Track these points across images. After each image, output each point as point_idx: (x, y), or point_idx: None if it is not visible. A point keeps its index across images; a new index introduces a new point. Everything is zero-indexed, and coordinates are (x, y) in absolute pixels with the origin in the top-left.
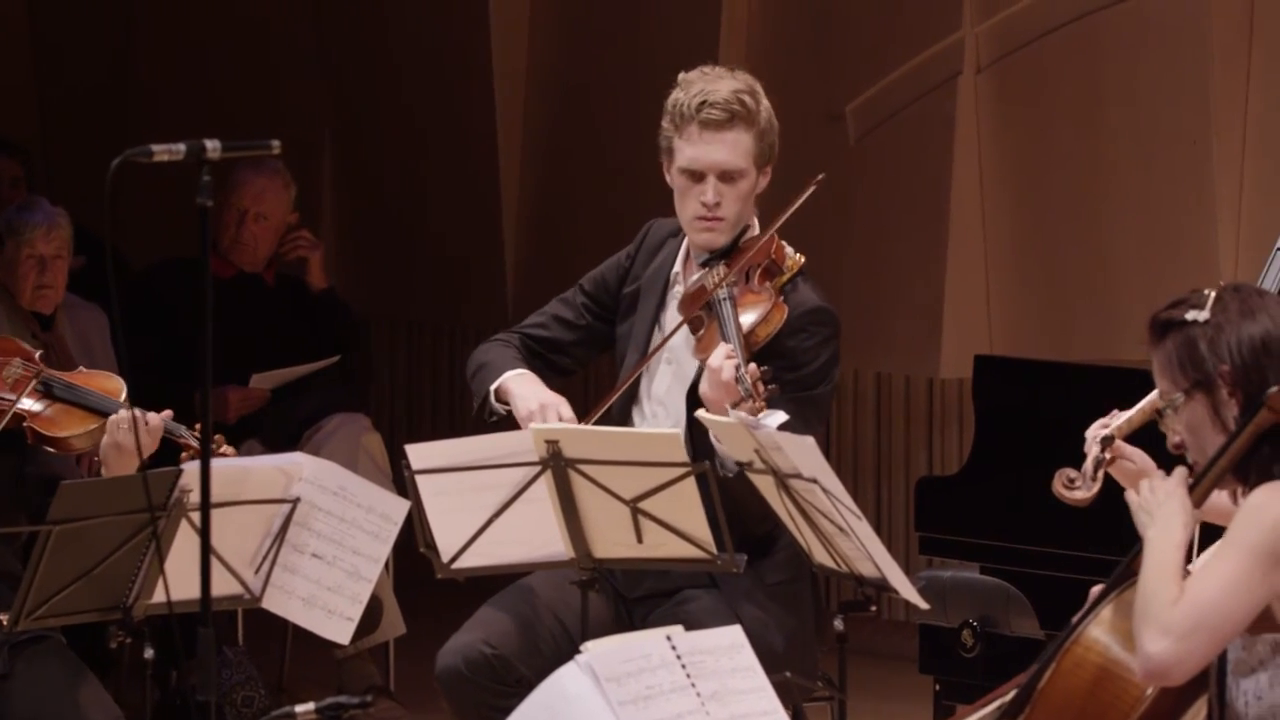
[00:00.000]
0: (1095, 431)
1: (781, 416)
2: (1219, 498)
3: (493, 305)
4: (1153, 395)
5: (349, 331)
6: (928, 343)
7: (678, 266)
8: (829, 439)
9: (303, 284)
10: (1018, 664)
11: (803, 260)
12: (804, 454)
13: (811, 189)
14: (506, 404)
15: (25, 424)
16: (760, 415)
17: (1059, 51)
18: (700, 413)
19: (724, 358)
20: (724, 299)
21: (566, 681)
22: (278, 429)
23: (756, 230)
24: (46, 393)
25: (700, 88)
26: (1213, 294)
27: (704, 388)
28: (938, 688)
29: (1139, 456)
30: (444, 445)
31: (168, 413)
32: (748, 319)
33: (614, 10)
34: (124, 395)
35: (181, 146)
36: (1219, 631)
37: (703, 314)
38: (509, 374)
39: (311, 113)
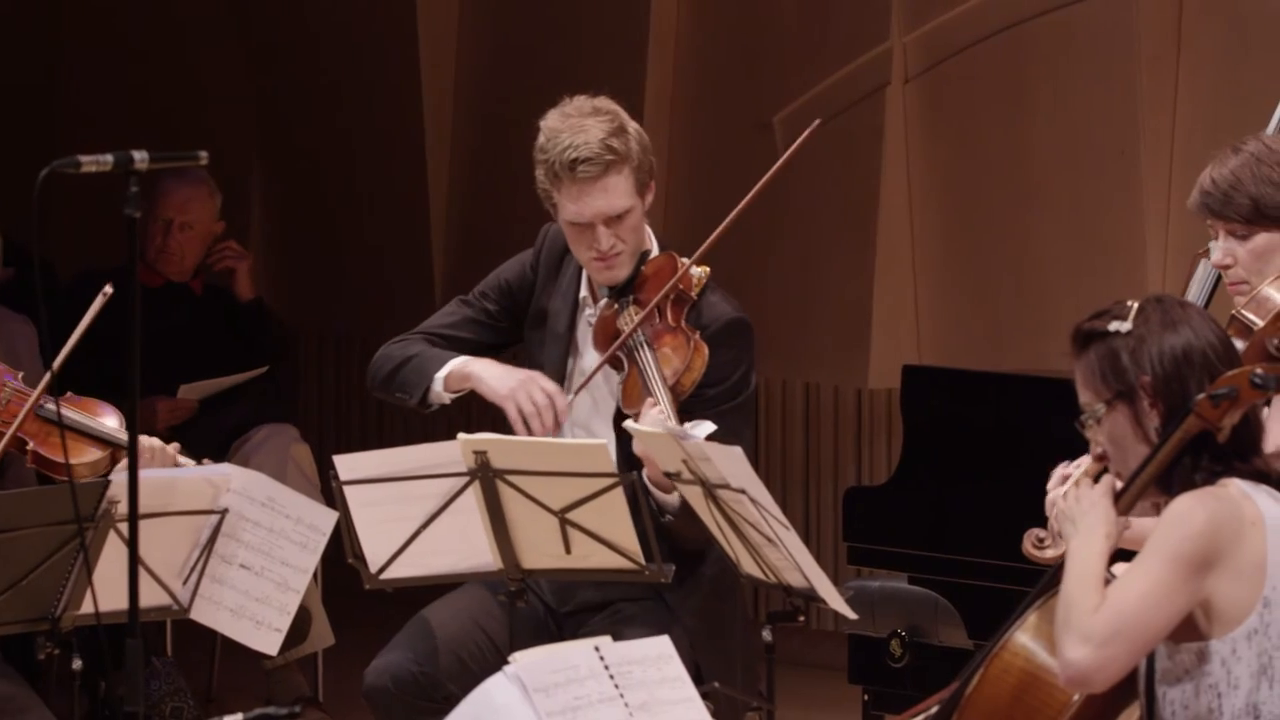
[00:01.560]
0: (1055, 492)
1: (709, 427)
2: (1139, 528)
3: (420, 318)
4: None
5: (277, 342)
6: (856, 353)
7: (584, 291)
8: (757, 449)
9: (230, 294)
10: (946, 674)
11: (707, 273)
12: (732, 464)
13: (732, 217)
14: (457, 390)
15: (29, 447)
16: (688, 425)
17: (987, 62)
18: (628, 423)
19: (658, 422)
20: (642, 344)
21: (494, 692)
22: (206, 440)
23: (655, 249)
24: (47, 418)
25: (568, 141)
26: (1135, 305)
27: (637, 448)
28: (866, 698)
29: (1102, 486)
30: (372, 456)
31: (175, 445)
32: (670, 369)
33: (542, 24)
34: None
35: (109, 157)
36: (1139, 639)
37: (622, 356)
38: (461, 359)
39: (240, 124)
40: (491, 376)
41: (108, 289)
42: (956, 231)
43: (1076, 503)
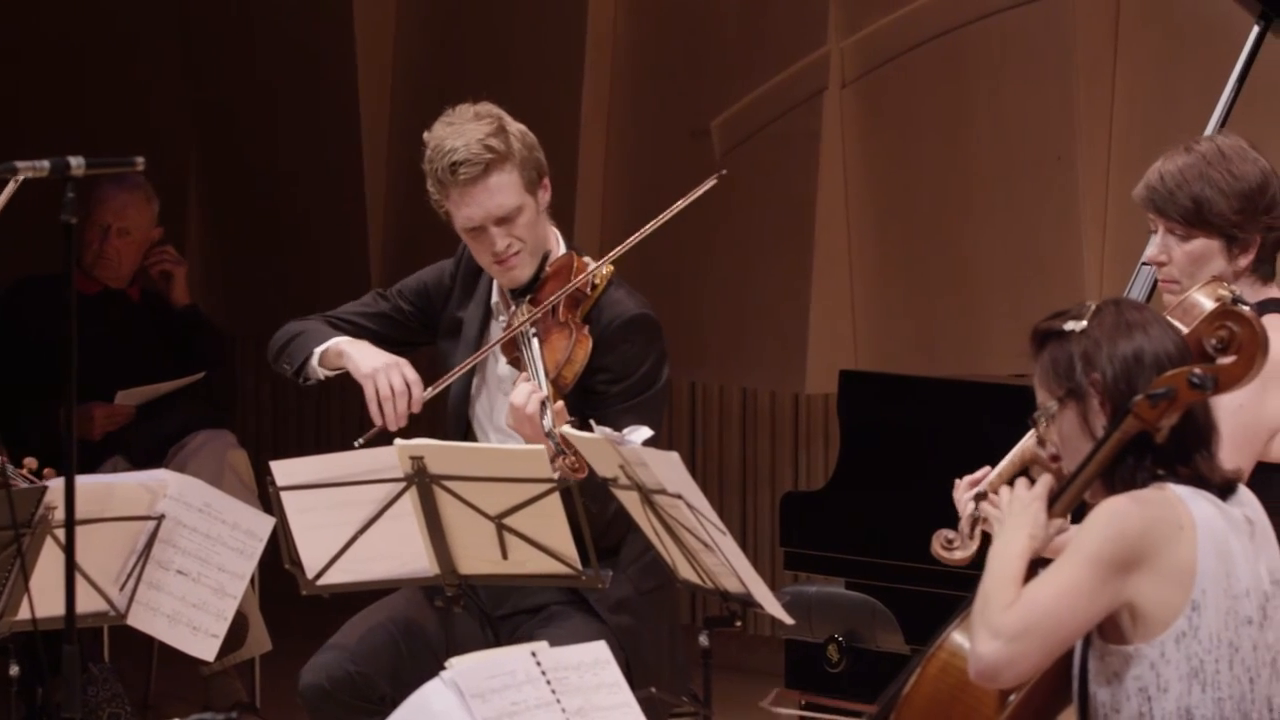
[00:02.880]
0: (965, 493)
1: (646, 432)
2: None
3: None
4: (1021, 444)
5: (214, 348)
6: (793, 358)
7: (495, 297)
8: (694, 454)
9: (167, 300)
10: (883, 678)
11: (611, 272)
12: (669, 469)
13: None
14: (333, 368)
15: None
16: (626, 431)
17: (924, 67)
18: (565, 428)
19: (526, 395)
20: (530, 337)
21: (431, 697)
22: (143, 446)
23: (560, 248)
24: None
25: (448, 146)
26: (1094, 306)
27: (507, 420)
28: (804, 703)
29: (1038, 488)
30: (309, 462)
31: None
32: (553, 361)
33: (479, 30)
34: None
35: (46, 163)
36: (1051, 637)
37: (519, 355)
38: (341, 339)
39: (177, 129)
40: (360, 356)
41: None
42: (893, 236)
43: (1010, 501)
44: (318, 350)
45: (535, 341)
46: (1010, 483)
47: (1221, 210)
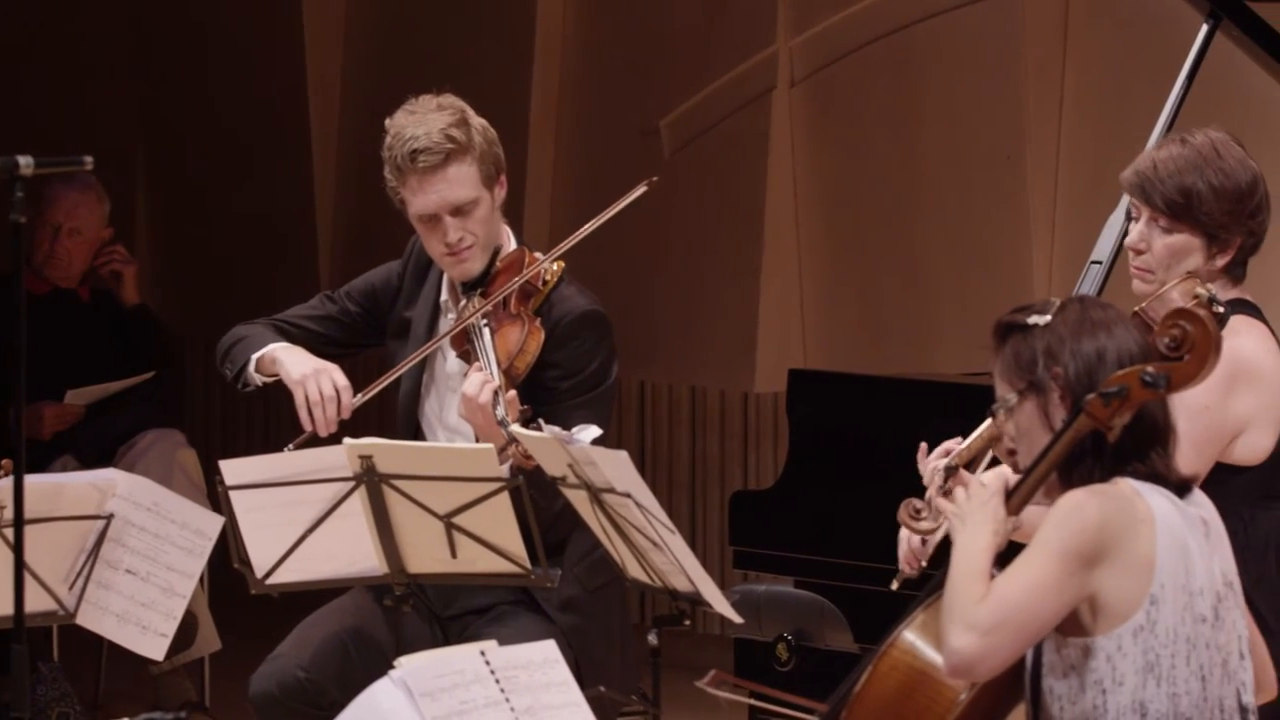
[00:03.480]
0: (934, 463)
1: (595, 431)
2: (1032, 517)
3: None
4: (989, 421)
5: (163, 348)
6: (742, 357)
7: (445, 294)
8: (643, 453)
9: (117, 300)
10: (833, 677)
11: (561, 269)
12: (618, 468)
13: (632, 196)
14: (269, 375)
15: None
16: (575, 430)
17: (873, 66)
18: (514, 428)
19: (479, 384)
20: (481, 328)
21: (380, 697)
22: (92, 445)
23: (511, 244)
24: None
25: (409, 134)
26: (1058, 301)
27: (460, 410)
28: (753, 701)
29: (990, 479)
30: (258, 461)
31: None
32: (505, 351)
33: (429, 24)
34: None
35: None
36: (1024, 630)
37: (469, 347)
38: (276, 345)
39: (126, 128)
40: (291, 362)
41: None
42: (842, 235)
43: (967, 499)
44: (254, 357)
45: (487, 332)
46: (973, 461)
47: (1210, 208)
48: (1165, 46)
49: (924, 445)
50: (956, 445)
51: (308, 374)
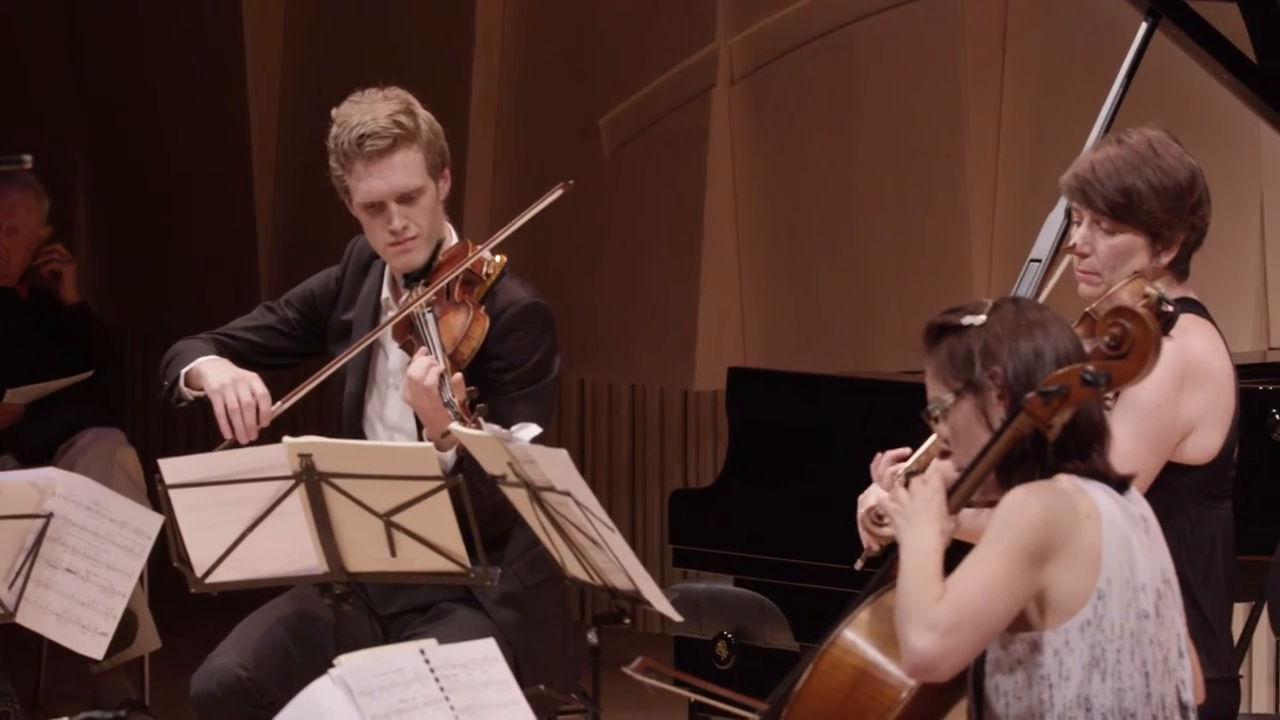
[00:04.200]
0: (889, 468)
1: (535, 430)
2: (976, 521)
3: None
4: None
5: (103, 346)
6: (682, 355)
7: (386, 292)
8: (583, 452)
9: (56, 298)
10: (773, 675)
11: (504, 261)
12: (557, 467)
13: (548, 200)
14: (198, 389)
15: None
16: (514, 429)
17: (813, 64)
18: (454, 426)
19: (425, 367)
20: (425, 315)
21: (319, 695)
22: (32, 444)
23: (453, 239)
24: None
25: (356, 120)
26: (990, 302)
27: (405, 395)
28: (693, 700)
29: (932, 477)
30: (198, 460)
31: None
32: (449, 336)
33: (368, 23)
34: None
35: None
36: (982, 628)
37: (412, 337)
38: (203, 359)
39: (65, 126)
40: (212, 373)
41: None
42: (782, 233)
43: (910, 499)
44: (183, 372)
45: (431, 319)
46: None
47: (1151, 206)
48: (1104, 44)
49: (880, 456)
50: (909, 452)
51: (226, 383)
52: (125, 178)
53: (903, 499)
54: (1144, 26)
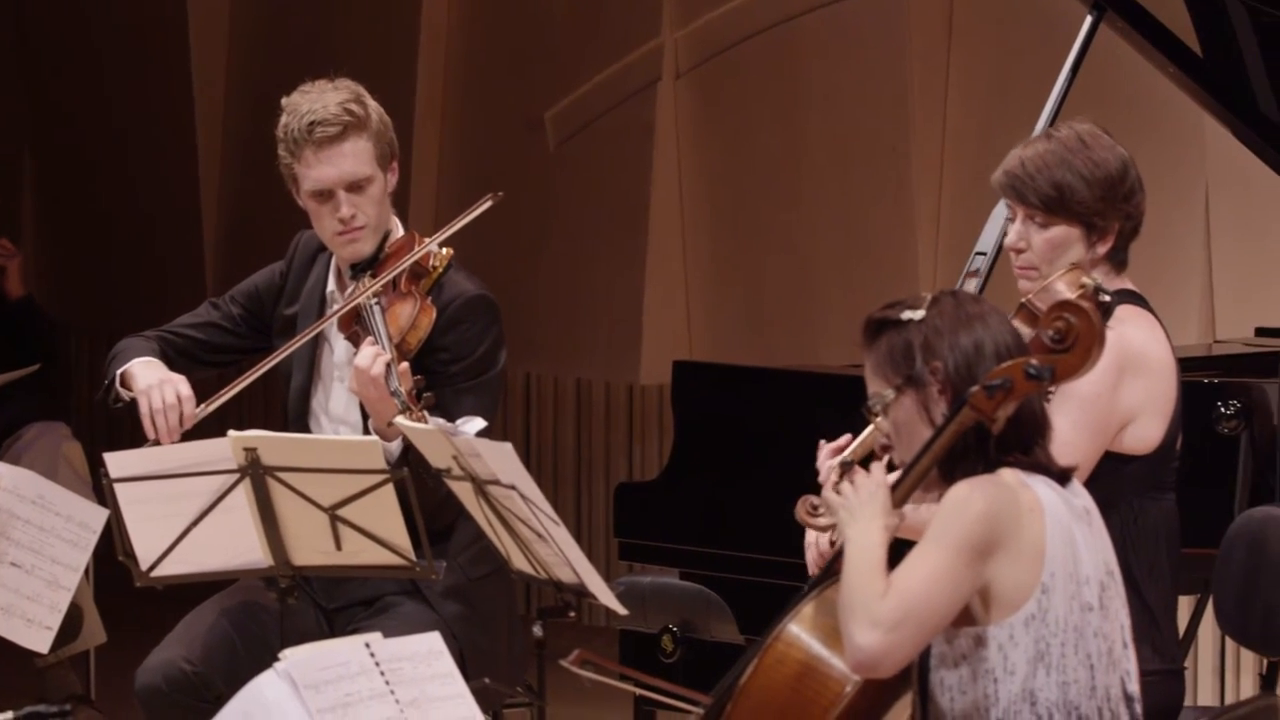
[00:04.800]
0: (828, 460)
1: (480, 423)
2: (915, 518)
3: None
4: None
5: (48, 340)
6: (628, 349)
7: (331, 285)
8: (528, 445)
9: (1, 292)
10: (718, 668)
11: (450, 254)
12: (502, 460)
13: (478, 210)
14: (130, 390)
15: None
16: (459, 422)
17: (758, 57)
18: (399, 420)
19: (371, 357)
20: (372, 306)
21: (264, 689)
22: None
23: (400, 231)
24: None
25: (306, 108)
26: (929, 296)
27: (351, 385)
28: (639, 693)
29: (876, 470)
30: (142, 453)
31: None
32: (396, 327)
33: (313, 17)
34: None
35: None
36: (927, 624)
37: (358, 328)
38: (137, 360)
39: (11, 122)
40: (140, 374)
41: None
42: (727, 227)
43: (854, 492)
44: (118, 373)
45: (378, 309)
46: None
47: (1083, 197)
48: (1050, 38)
49: (822, 442)
50: (848, 441)
51: (152, 384)
52: (71, 172)
53: (846, 492)
54: (1089, 20)
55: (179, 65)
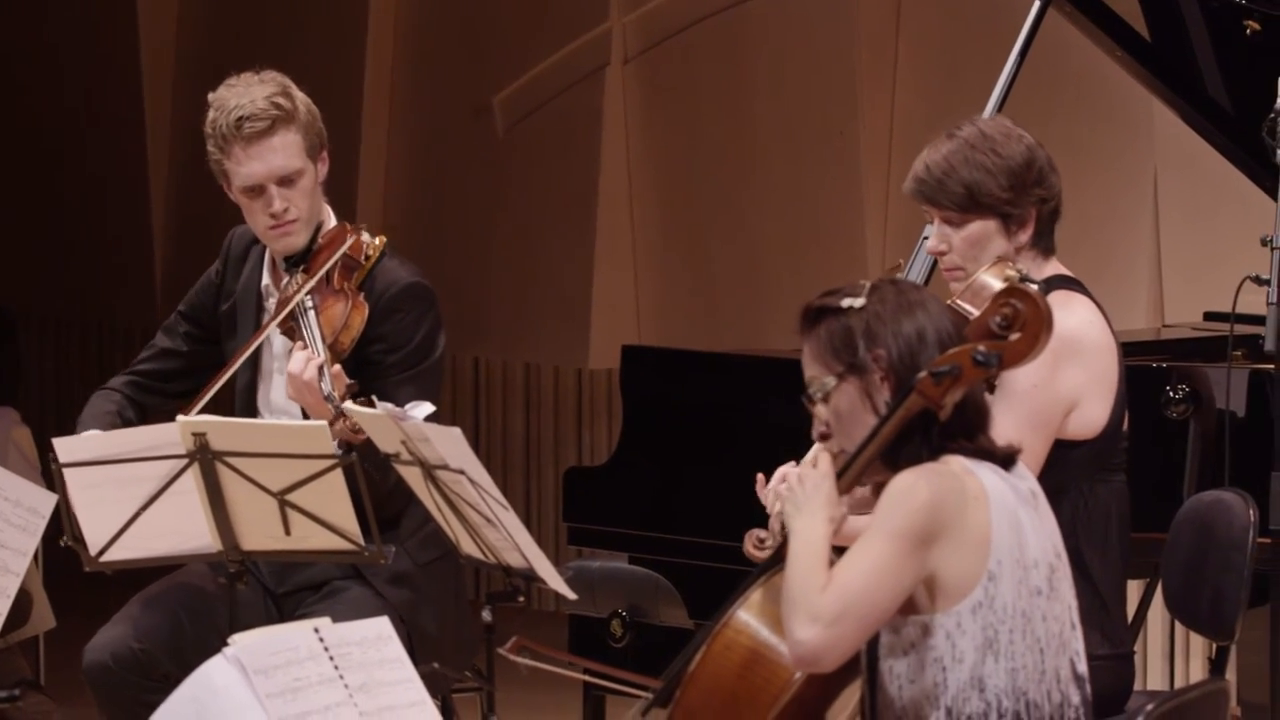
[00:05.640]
0: (776, 488)
1: (428, 408)
2: (855, 522)
3: (141, 299)
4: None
5: None
6: (576, 333)
7: (266, 278)
8: (477, 430)
9: None
10: (667, 653)
11: (383, 243)
12: (451, 445)
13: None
14: None
15: None
16: (408, 407)
17: (707, 42)
18: (348, 404)
19: (304, 361)
20: (307, 308)
21: (214, 674)
22: None
23: (332, 222)
24: None
25: (234, 104)
26: (869, 284)
27: (287, 391)
28: (586, 680)
29: (822, 461)
30: (91, 438)
31: None
32: (330, 328)
33: (262, 7)
34: None
35: None
36: (868, 617)
37: (294, 324)
38: (88, 433)
39: None
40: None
41: None
42: (676, 211)
43: (800, 485)
44: None
45: (311, 311)
46: None
47: (992, 190)
48: (998, 22)
49: (760, 476)
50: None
51: None
52: (20, 160)
53: (793, 484)
54: (1037, 3)
55: (127, 46)
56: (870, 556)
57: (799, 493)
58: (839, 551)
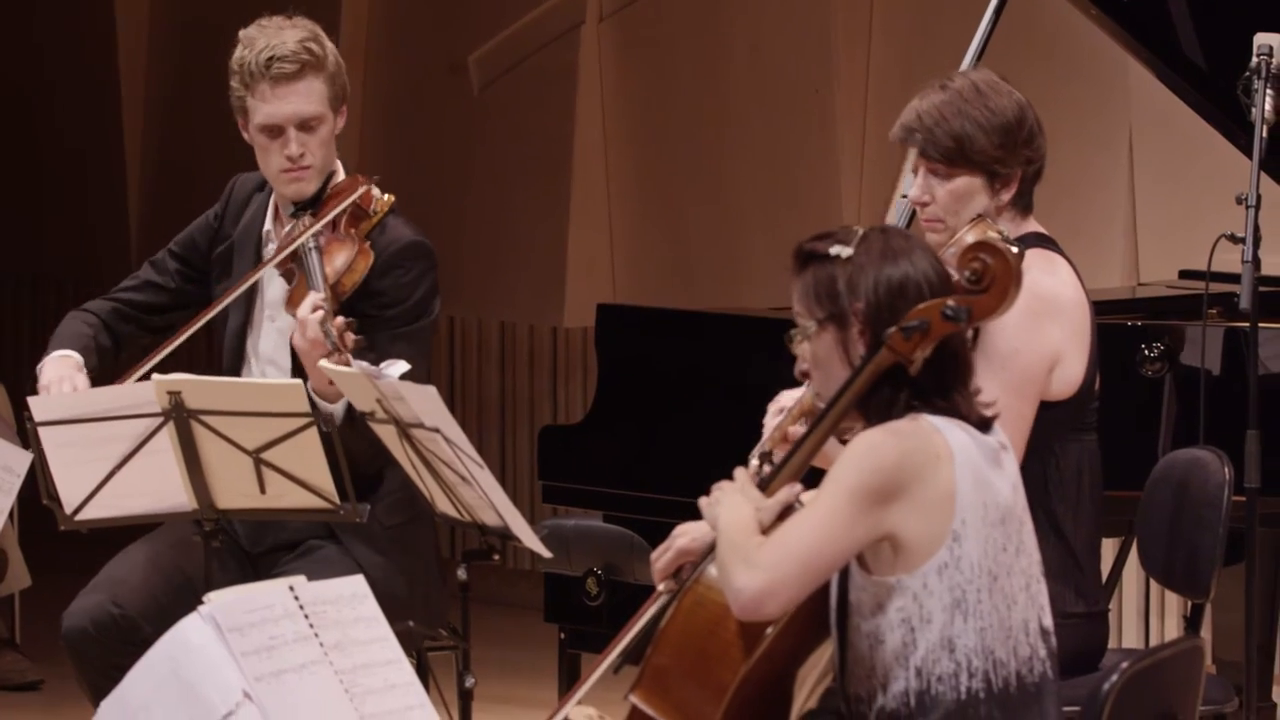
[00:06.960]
0: (774, 419)
1: (403, 366)
2: (835, 447)
3: (117, 257)
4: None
5: None
6: (552, 291)
7: (268, 224)
8: (452, 388)
9: None
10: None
11: (391, 200)
12: (426, 403)
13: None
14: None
15: None
16: (383, 365)
17: (682, 0)
18: (322, 362)
19: (310, 309)
20: (311, 249)
21: (189, 632)
22: None
23: (343, 174)
24: None
25: (265, 43)
26: (860, 231)
27: (295, 339)
28: (563, 636)
29: (737, 473)
30: (67, 397)
31: None
32: (332, 268)
33: None
34: None
35: None
36: (810, 565)
37: (293, 266)
38: (57, 352)
39: None
40: (46, 369)
41: None
42: (652, 169)
43: (719, 490)
44: (39, 367)
45: (315, 250)
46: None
47: (982, 146)
48: None
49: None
50: (783, 399)
51: (51, 380)
52: None
53: (714, 492)
54: None
55: (103, 6)
56: (820, 508)
57: (717, 494)
58: (819, 475)
